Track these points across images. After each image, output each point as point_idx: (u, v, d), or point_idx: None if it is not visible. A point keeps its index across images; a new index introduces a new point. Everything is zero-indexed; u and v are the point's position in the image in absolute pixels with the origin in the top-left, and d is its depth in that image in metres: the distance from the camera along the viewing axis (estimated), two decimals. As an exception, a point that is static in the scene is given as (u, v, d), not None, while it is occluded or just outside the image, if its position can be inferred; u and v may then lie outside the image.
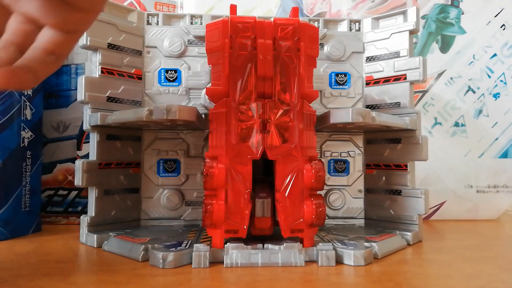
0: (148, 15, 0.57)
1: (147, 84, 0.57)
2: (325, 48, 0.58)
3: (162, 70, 0.57)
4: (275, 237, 0.43)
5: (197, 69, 0.57)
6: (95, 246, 0.48)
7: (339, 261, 0.41)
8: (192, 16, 0.58)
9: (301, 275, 0.37)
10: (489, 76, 0.70)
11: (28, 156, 0.55)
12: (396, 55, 0.55)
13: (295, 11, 0.46)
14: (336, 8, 0.72)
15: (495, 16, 0.71)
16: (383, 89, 0.57)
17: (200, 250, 0.40)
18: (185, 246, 0.42)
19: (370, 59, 0.58)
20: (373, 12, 0.71)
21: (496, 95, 0.70)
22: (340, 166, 0.59)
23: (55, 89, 0.64)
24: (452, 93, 0.70)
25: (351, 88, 0.58)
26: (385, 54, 0.57)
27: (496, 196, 0.70)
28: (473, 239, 0.54)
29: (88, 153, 0.53)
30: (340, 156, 0.59)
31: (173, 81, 0.57)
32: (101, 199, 0.51)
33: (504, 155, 0.70)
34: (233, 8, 0.45)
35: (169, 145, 0.57)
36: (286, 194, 0.41)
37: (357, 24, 0.59)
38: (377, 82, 0.57)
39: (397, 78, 0.55)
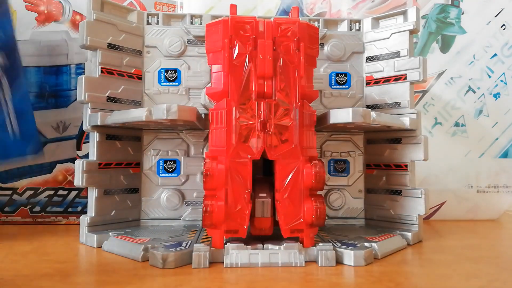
0: (148, 15, 0.57)
1: (147, 84, 0.57)
2: (325, 48, 0.58)
3: (162, 70, 0.57)
4: (275, 237, 0.43)
5: (197, 69, 0.57)
6: (95, 246, 0.47)
7: (339, 261, 0.41)
8: (192, 16, 0.58)
9: (301, 275, 0.37)
10: (489, 76, 0.70)
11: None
12: (396, 55, 0.55)
13: (295, 11, 0.46)
14: (336, 8, 0.72)
15: (495, 16, 0.71)
16: (383, 89, 0.57)
17: (200, 250, 0.39)
18: (185, 246, 0.42)
19: (370, 59, 0.58)
20: (373, 12, 0.71)
21: (496, 95, 0.70)
22: (340, 166, 0.59)
23: (54, 89, 0.64)
24: (452, 93, 0.70)
25: (351, 88, 0.58)
26: (385, 54, 0.57)
27: (497, 196, 0.70)
28: (473, 239, 0.54)
29: (88, 153, 0.53)
30: (340, 156, 0.59)
31: (173, 81, 0.57)
32: (101, 199, 0.51)
33: (505, 155, 0.70)
34: (233, 8, 0.45)
35: (169, 145, 0.57)
36: (286, 194, 0.41)
37: (357, 24, 0.59)
38: (377, 82, 0.57)
39: (397, 78, 0.55)
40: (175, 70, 0.57)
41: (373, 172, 0.58)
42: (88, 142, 0.62)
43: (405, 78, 0.54)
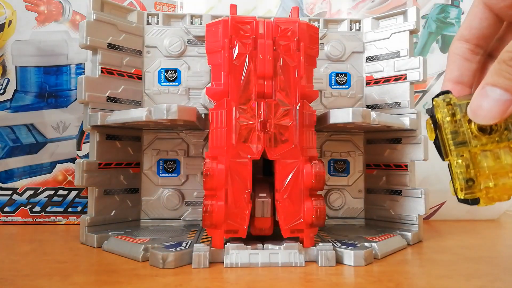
0: (148, 15, 0.57)
1: (147, 84, 0.57)
2: (325, 48, 0.58)
3: (162, 70, 0.57)
4: (275, 237, 0.43)
5: (197, 69, 0.57)
6: (95, 246, 0.47)
7: (339, 261, 0.41)
8: (192, 16, 0.58)
9: (301, 275, 0.37)
10: (489, 76, 0.70)
11: None
12: (396, 55, 0.55)
13: (295, 11, 0.46)
14: (336, 8, 0.72)
15: (495, 16, 0.71)
16: (383, 89, 0.57)
17: (200, 250, 0.39)
18: (185, 246, 0.42)
19: (370, 59, 0.58)
20: (373, 12, 0.71)
21: (496, 95, 0.70)
22: (340, 166, 0.59)
23: (54, 89, 0.64)
24: (452, 93, 0.70)
25: (351, 88, 0.58)
26: (385, 54, 0.57)
27: (496, 196, 0.70)
28: (473, 239, 0.54)
29: (88, 153, 0.53)
30: (340, 156, 0.59)
31: (173, 81, 0.57)
32: (101, 199, 0.51)
33: (504, 155, 0.70)
34: (233, 8, 0.45)
35: (169, 145, 0.57)
36: (286, 194, 0.41)
37: (357, 24, 0.59)
38: (377, 82, 0.57)
39: (397, 78, 0.55)
40: (175, 70, 0.57)
41: (373, 172, 0.58)
42: (88, 142, 0.62)
43: (405, 78, 0.54)
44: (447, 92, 0.33)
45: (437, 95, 0.33)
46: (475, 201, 0.33)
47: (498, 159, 0.32)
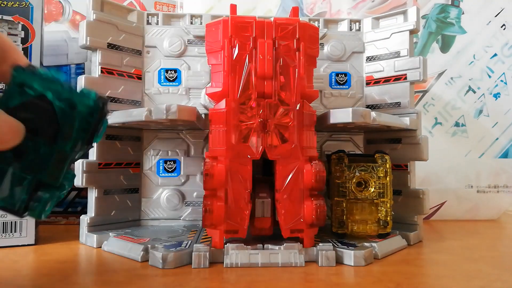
0: (148, 15, 0.57)
1: (147, 84, 0.57)
2: (325, 48, 0.58)
3: (162, 70, 0.57)
4: (275, 237, 0.43)
5: (197, 69, 0.57)
6: (95, 246, 0.47)
7: (339, 261, 0.40)
8: (192, 16, 0.58)
9: (301, 275, 0.37)
10: (490, 76, 0.70)
11: None
12: (397, 55, 0.55)
13: (295, 10, 0.46)
14: (336, 8, 0.72)
15: (496, 16, 0.71)
16: (383, 89, 0.57)
17: (200, 250, 0.39)
18: (185, 246, 0.42)
19: (370, 59, 0.58)
20: (373, 12, 0.71)
21: (496, 95, 0.70)
22: (340, 166, 0.59)
23: (55, 89, 0.64)
24: (453, 93, 0.70)
25: (351, 88, 0.58)
26: (385, 54, 0.56)
27: (497, 196, 0.70)
28: (473, 239, 0.54)
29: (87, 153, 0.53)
30: (340, 156, 0.59)
31: (173, 81, 0.57)
32: (101, 199, 0.51)
33: (505, 155, 0.70)
34: (233, 8, 0.45)
35: (169, 145, 0.57)
36: (286, 194, 0.41)
37: (357, 24, 0.59)
38: (377, 82, 0.57)
39: (397, 78, 0.55)
40: (175, 70, 0.57)
41: (373, 172, 0.58)
42: (88, 142, 0.62)
43: (405, 78, 0.54)
44: (343, 151, 0.47)
45: (335, 153, 0.47)
46: (342, 235, 0.47)
47: (363, 211, 0.46)
